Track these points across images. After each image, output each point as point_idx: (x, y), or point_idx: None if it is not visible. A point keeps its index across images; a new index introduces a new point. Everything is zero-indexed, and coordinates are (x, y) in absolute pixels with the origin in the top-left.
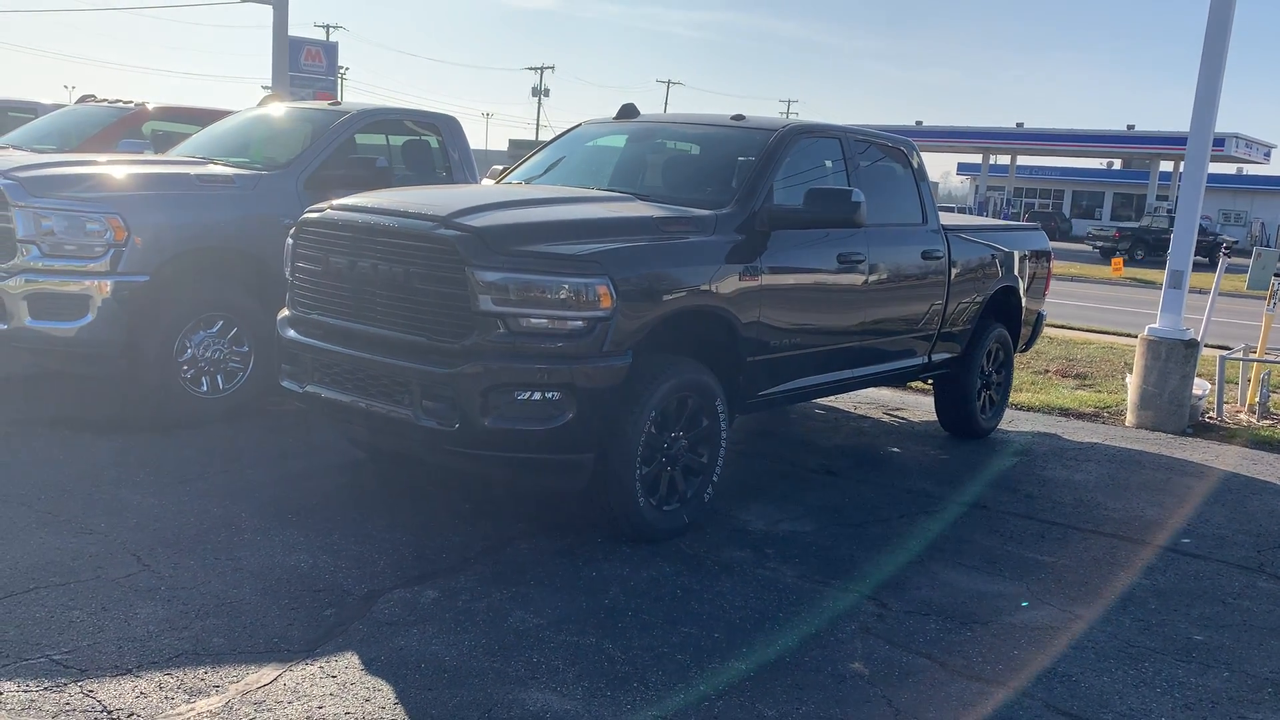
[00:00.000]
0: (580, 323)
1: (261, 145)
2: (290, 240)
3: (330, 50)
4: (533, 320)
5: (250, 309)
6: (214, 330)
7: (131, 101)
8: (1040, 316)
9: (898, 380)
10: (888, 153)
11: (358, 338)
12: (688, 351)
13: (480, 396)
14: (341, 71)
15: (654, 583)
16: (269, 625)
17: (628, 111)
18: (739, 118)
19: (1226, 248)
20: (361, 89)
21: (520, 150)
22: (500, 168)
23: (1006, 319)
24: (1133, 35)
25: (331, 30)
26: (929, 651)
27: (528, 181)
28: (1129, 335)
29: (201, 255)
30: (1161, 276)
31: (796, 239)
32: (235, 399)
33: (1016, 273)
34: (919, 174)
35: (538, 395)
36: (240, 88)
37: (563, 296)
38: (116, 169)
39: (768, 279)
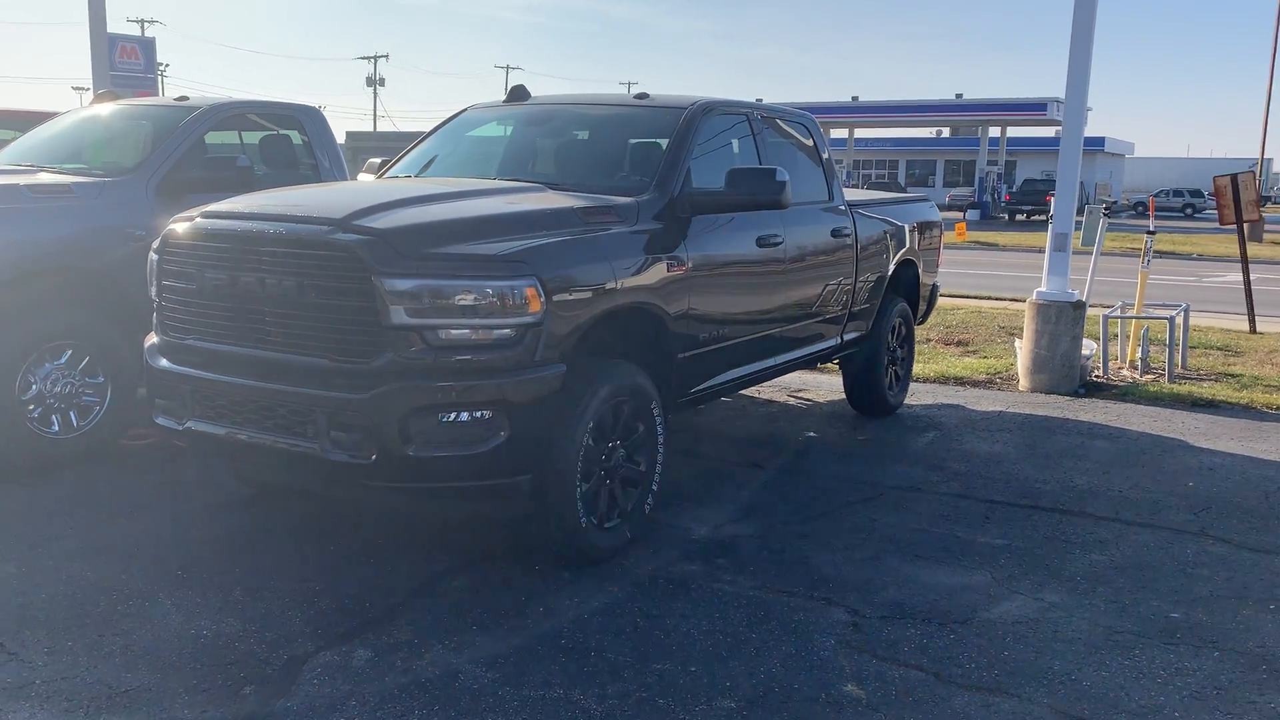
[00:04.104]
0: (508, 331)
1: (98, 149)
2: (154, 256)
3: (147, 46)
4: (453, 332)
5: (103, 334)
6: (62, 361)
7: None
8: (935, 288)
9: (815, 363)
10: (792, 128)
11: (245, 364)
12: (617, 353)
13: (399, 422)
14: (161, 68)
15: (609, 612)
16: (178, 715)
17: (518, 94)
18: (643, 96)
19: (1107, 208)
20: (184, 86)
21: (359, 142)
22: (379, 161)
23: (907, 293)
24: (956, 4)
25: (147, 25)
26: (919, 662)
27: (417, 175)
28: (992, 298)
29: (41, 277)
30: (1000, 239)
31: (716, 224)
32: (93, 437)
33: (913, 246)
34: (821, 149)
35: (466, 416)
36: (47, 89)
37: (486, 302)
38: None
39: (693, 268)
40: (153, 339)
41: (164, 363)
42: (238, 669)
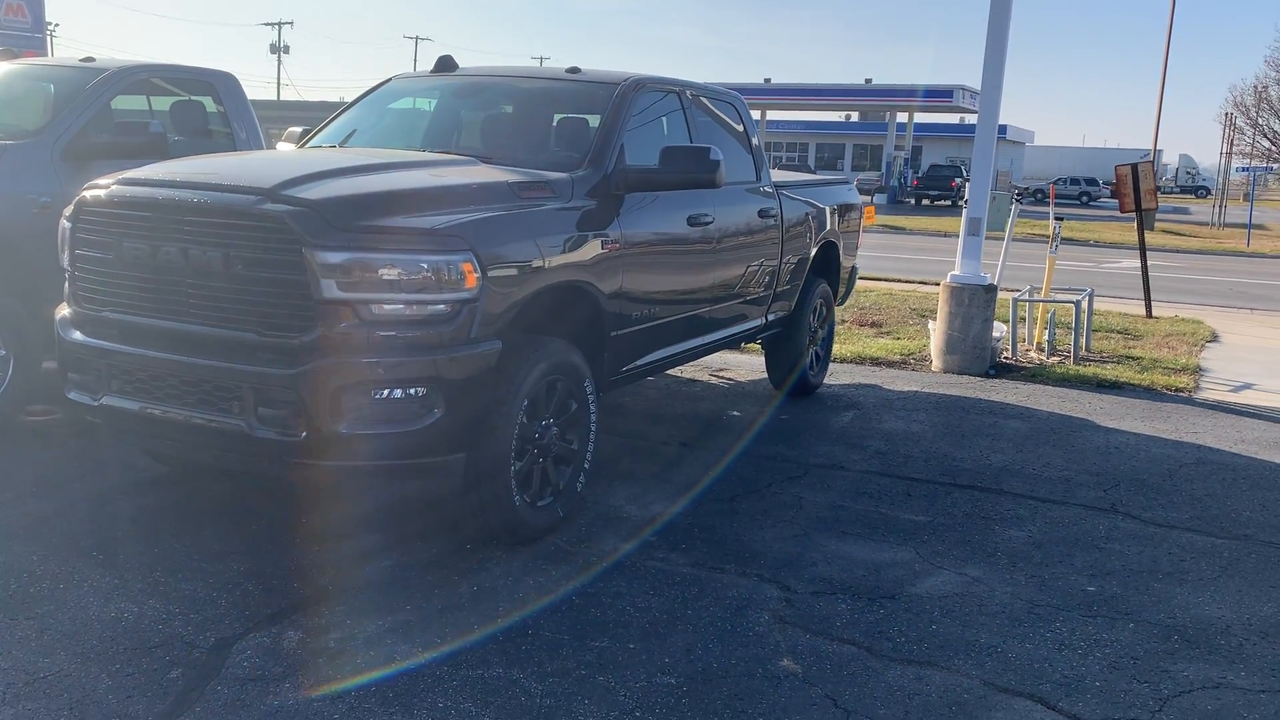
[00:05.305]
0: (443, 306)
1: None
2: (67, 223)
3: (35, 3)
4: (386, 307)
5: (4, 305)
6: None
7: None
8: (854, 270)
9: (740, 343)
10: (722, 107)
11: (166, 337)
12: (550, 330)
13: (330, 399)
14: (51, 27)
15: (544, 591)
16: (101, 701)
17: (445, 64)
18: (574, 70)
19: (1019, 195)
20: (75, 48)
21: (262, 111)
22: (300, 130)
23: (827, 274)
24: None
25: None
26: (851, 637)
27: (340, 145)
28: (903, 280)
29: None
30: (907, 223)
31: (647, 202)
32: None
33: (834, 227)
34: (750, 130)
35: (399, 393)
36: None
37: (421, 277)
38: None
39: (627, 247)
40: (65, 311)
41: (78, 335)
42: (163, 652)
